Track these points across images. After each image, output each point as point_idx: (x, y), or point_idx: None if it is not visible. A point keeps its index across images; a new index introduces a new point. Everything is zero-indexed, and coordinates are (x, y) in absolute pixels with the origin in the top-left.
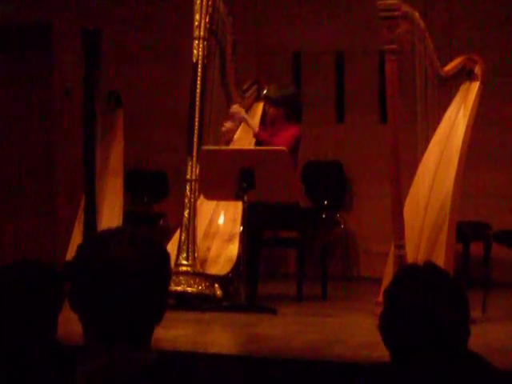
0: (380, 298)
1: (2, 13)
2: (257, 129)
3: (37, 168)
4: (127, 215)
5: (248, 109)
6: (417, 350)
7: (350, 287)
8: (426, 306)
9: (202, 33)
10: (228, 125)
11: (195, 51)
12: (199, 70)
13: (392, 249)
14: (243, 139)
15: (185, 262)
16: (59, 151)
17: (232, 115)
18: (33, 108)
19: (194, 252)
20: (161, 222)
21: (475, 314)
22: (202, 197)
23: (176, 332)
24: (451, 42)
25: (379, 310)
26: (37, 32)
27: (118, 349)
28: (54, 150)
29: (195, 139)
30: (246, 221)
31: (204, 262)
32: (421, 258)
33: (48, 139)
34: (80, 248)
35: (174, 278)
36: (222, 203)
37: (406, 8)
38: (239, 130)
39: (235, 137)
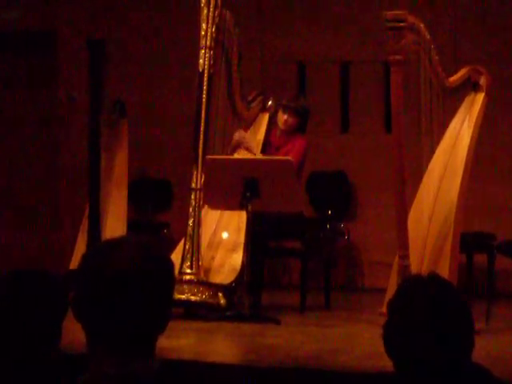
0: (384, 309)
1: (7, 19)
2: (259, 154)
3: (41, 176)
4: (131, 224)
5: (253, 120)
6: (420, 361)
7: (354, 298)
8: (429, 318)
9: (208, 42)
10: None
11: (201, 61)
12: (205, 79)
13: (396, 259)
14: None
15: (189, 271)
16: (64, 160)
17: (236, 143)
18: (37, 115)
19: (198, 261)
20: (165, 232)
21: (479, 325)
22: (206, 206)
23: (179, 341)
24: (456, 54)
25: (383, 320)
26: (42, 39)
27: (122, 358)
28: (58, 159)
29: (200, 148)
30: (250, 230)
31: (208, 271)
32: (425, 269)
33: (52, 147)
34: (84, 257)
35: (177, 286)
36: (227, 212)
37: (411, 19)
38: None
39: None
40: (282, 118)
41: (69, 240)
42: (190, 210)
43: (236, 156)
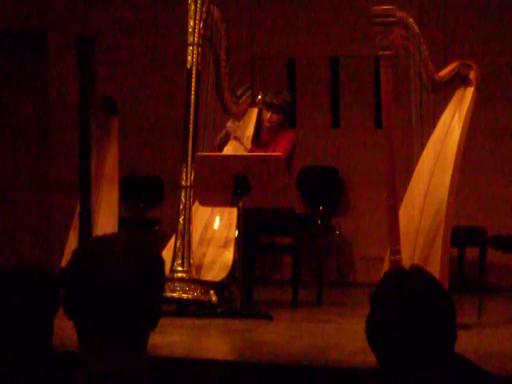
0: None
1: None
2: (249, 146)
3: (32, 174)
4: (123, 221)
5: (242, 114)
6: (402, 353)
7: (346, 293)
8: (410, 310)
9: (196, 39)
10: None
11: (189, 57)
12: (193, 76)
13: (387, 254)
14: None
15: (180, 269)
16: (54, 157)
17: (227, 132)
18: (27, 114)
19: (189, 258)
20: (156, 228)
21: (471, 318)
22: (197, 202)
23: (171, 338)
24: (446, 48)
25: None
26: (32, 39)
27: (113, 355)
28: (49, 156)
29: (190, 145)
30: (241, 227)
31: (199, 268)
32: (416, 263)
33: (43, 145)
34: (75, 254)
35: (169, 284)
36: (218, 209)
37: (400, 14)
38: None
39: (230, 142)
40: (267, 115)
41: (60, 237)
42: (181, 207)
43: (227, 147)
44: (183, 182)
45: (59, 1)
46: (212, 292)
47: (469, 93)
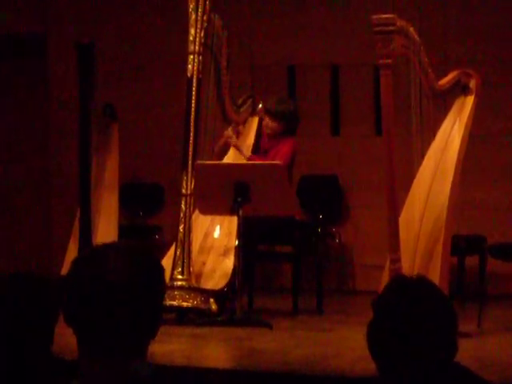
0: None
1: None
2: (248, 154)
3: (32, 180)
4: (123, 229)
5: (243, 123)
6: (404, 362)
7: (346, 301)
8: (411, 318)
9: (196, 47)
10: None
11: (190, 66)
12: (194, 84)
13: (387, 263)
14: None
15: (180, 277)
16: (54, 164)
17: (225, 139)
18: (28, 119)
19: (189, 266)
20: (156, 236)
21: (471, 327)
22: (197, 211)
23: (171, 346)
24: (446, 57)
25: None
26: (32, 43)
27: (113, 363)
28: (49, 163)
29: (190, 153)
30: (241, 235)
31: (199, 276)
32: (416, 271)
33: (43, 151)
34: (75, 261)
35: (169, 292)
36: (218, 217)
37: (400, 22)
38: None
39: (231, 150)
40: (265, 121)
41: (60, 245)
42: (181, 215)
43: (228, 155)
44: (183, 190)
45: (59, 6)
46: (212, 300)
47: (469, 101)
